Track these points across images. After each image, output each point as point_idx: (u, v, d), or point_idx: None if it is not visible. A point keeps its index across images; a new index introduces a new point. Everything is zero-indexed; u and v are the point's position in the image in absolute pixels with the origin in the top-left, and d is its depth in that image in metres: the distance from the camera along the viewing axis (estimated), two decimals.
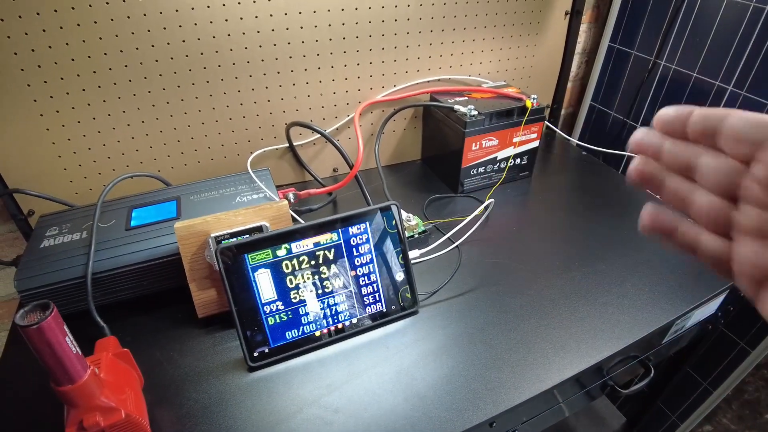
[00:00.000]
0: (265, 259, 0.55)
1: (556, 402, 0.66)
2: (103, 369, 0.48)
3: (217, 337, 0.62)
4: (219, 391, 0.55)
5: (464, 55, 0.95)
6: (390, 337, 0.62)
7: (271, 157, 0.89)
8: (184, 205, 0.70)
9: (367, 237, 0.60)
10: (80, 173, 0.78)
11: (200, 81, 0.77)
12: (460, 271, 0.71)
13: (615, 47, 1.07)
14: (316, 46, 0.81)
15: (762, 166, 0.22)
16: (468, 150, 0.84)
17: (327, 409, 0.53)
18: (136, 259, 0.63)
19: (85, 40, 0.68)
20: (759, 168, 0.22)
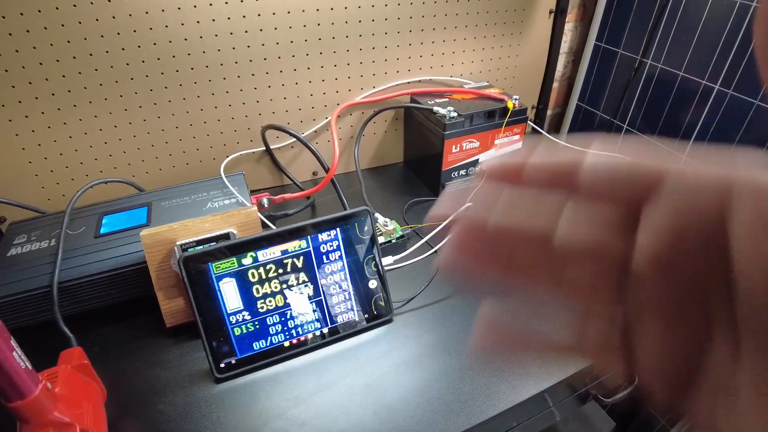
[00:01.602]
0: (230, 267, 0.54)
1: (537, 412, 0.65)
2: (60, 383, 0.47)
3: (186, 347, 0.60)
4: (185, 403, 0.54)
5: (446, 56, 0.93)
6: (362, 347, 0.60)
7: (248, 161, 0.88)
8: (154, 212, 0.68)
9: (337, 244, 0.58)
10: (52, 179, 0.77)
11: (173, 84, 0.76)
12: (437, 278, 0.69)
13: (601, 46, 1.05)
14: (292, 48, 0.80)
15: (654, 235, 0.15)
16: (448, 152, 0.83)
17: (293, 422, 0.51)
18: (104, 267, 0.61)
19: (52, 43, 0.67)
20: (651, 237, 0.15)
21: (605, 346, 0.17)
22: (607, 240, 0.16)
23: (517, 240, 0.18)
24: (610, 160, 0.16)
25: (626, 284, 0.16)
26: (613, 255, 0.16)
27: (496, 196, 0.18)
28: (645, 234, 0.15)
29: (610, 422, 1.19)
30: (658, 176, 0.15)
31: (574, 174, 0.16)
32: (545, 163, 0.17)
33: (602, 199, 0.16)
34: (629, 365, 0.17)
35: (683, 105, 0.91)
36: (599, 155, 0.16)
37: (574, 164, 0.16)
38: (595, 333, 0.18)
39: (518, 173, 0.18)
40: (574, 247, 0.16)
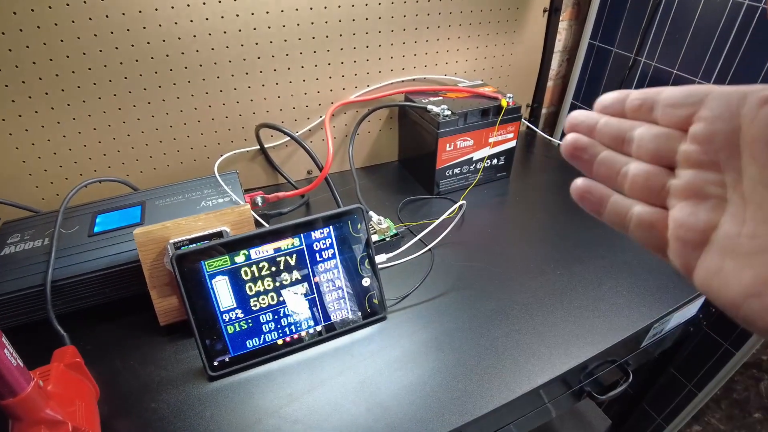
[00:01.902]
0: (222, 265, 0.54)
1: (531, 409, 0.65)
2: (52, 381, 0.47)
3: (179, 345, 0.60)
4: (178, 401, 0.54)
5: (440, 54, 0.93)
6: (356, 344, 0.60)
7: (242, 160, 0.88)
8: (148, 211, 0.68)
9: (331, 242, 0.59)
10: (46, 178, 0.77)
11: (167, 83, 0.76)
12: (431, 275, 0.70)
13: (595, 45, 1.06)
14: (285, 46, 0.80)
15: (701, 122, 0.22)
16: (442, 151, 0.83)
17: (286, 419, 0.51)
18: (98, 266, 0.61)
19: (45, 42, 0.67)
20: (698, 126, 0.22)
21: (645, 223, 0.25)
22: (663, 145, 0.24)
23: (609, 140, 0.27)
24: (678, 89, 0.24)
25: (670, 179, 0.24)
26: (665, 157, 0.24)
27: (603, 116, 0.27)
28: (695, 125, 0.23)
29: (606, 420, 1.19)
30: (703, 96, 0.22)
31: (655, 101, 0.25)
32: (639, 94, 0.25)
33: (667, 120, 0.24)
34: (663, 236, 0.24)
35: None
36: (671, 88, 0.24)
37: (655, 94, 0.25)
38: (642, 213, 0.25)
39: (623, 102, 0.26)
40: (643, 148, 0.25)
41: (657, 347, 0.80)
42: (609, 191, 0.27)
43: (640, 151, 0.25)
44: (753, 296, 0.19)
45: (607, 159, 0.26)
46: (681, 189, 0.23)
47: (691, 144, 0.23)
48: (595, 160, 0.27)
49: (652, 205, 0.25)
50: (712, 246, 0.22)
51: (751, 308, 0.19)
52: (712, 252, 0.22)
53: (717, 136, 0.22)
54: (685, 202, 0.23)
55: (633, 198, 0.26)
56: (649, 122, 0.25)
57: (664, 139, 0.24)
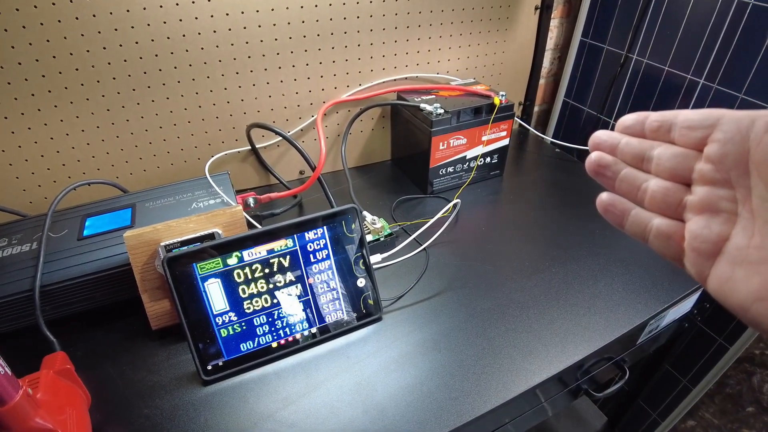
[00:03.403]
0: (215, 268, 0.53)
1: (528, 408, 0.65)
2: (42, 388, 0.46)
3: (172, 349, 0.59)
4: (172, 407, 0.53)
5: (431, 52, 0.93)
6: (351, 346, 0.60)
7: (234, 161, 0.87)
8: (138, 213, 0.67)
9: (324, 242, 0.58)
10: (34, 181, 0.75)
11: (156, 84, 0.75)
12: (426, 275, 0.69)
13: (587, 42, 1.06)
14: (276, 45, 0.79)
15: (714, 144, 0.24)
16: (436, 149, 0.82)
17: (282, 423, 0.51)
18: (88, 270, 0.60)
19: (31, 43, 0.65)
20: (711, 147, 0.25)
21: (663, 234, 0.27)
22: (680, 164, 0.26)
23: (630, 158, 0.29)
24: (694, 113, 0.26)
25: (686, 195, 0.26)
26: (682, 175, 0.26)
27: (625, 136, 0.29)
28: (709, 146, 0.25)
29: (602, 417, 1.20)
30: (717, 119, 0.25)
31: (673, 123, 0.27)
32: (658, 117, 0.28)
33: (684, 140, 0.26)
34: (680, 247, 0.26)
35: (669, 99, 0.91)
36: (687, 111, 0.26)
37: (673, 117, 0.27)
38: (661, 225, 0.27)
39: (642, 124, 0.29)
40: (661, 166, 0.27)
41: (652, 344, 0.80)
42: (630, 205, 0.29)
43: (659, 169, 0.27)
44: (760, 300, 0.22)
45: (629, 176, 0.29)
46: (696, 204, 0.25)
47: (706, 163, 0.25)
48: (618, 177, 0.29)
49: (669, 218, 0.27)
50: (724, 256, 0.24)
51: (759, 311, 0.22)
52: (724, 261, 0.24)
53: (728, 157, 0.24)
54: (699, 216, 0.25)
55: (652, 211, 0.28)
56: (667, 142, 0.27)
57: (681, 159, 0.26)
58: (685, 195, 0.26)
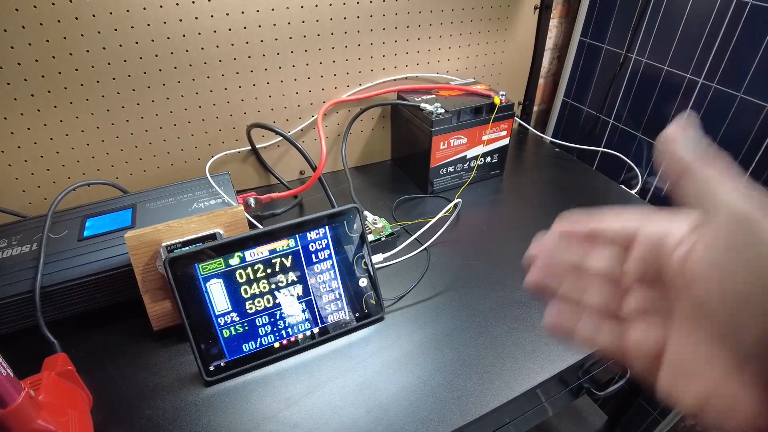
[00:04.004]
0: (217, 268, 0.53)
1: (529, 408, 0.65)
2: (43, 390, 0.46)
3: (173, 350, 0.59)
4: (174, 408, 0.53)
5: (431, 52, 0.93)
6: (353, 346, 0.60)
7: (234, 161, 0.86)
8: (139, 214, 0.67)
9: (326, 242, 0.58)
10: (33, 182, 0.75)
11: (156, 84, 0.75)
12: (428, 274, 0.69)
13: (586, 42, 1.06)
14: (276, 45, 0.79)
15: (632, 261, 0.24)
16: (436, 149, 0.82)
17: (285, 424, 0.51)
18: (88, 270, 0.60)
19: (31, 43, 0.65)
20: (630, 264, 0.25)
21: (612, 344, 0.26)
22: (614, 271, 0.26)
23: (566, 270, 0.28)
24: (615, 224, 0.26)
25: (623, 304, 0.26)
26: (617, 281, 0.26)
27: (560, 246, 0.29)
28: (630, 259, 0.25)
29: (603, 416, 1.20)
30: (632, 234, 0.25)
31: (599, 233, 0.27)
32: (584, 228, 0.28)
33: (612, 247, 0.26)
34: (624, 356, 0.26)
35: (668, 99, 0.92)
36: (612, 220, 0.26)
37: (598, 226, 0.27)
38: (607, 338, 0.26)
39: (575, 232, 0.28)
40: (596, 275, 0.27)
41: None
42: (575, 321, 0.28)
43: (594, 277, 0.27)
44: (705, 406, 0.21)
45: (568, 290, 0.28)
46: (633, 312, 0.25)
47: (631, 279, 0.25)
48: (558, 293, 0.29)
49: (615, 327, 0.26)
50: (665, 364, 0.23)
51: (705, 416, 0.22)
52: (666, 369, 0.23)
53: (647, 275, 0.24)
54: (638, 325, 0.25)
55: (597, 322, 0.27)
56: (600, 248, 0.27)
57: (615, 267, 0.26)
58: (622, 304, 0.26)
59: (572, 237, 0.28)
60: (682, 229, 0.23)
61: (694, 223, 0.22)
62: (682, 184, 0.23)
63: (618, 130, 1.03)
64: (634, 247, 0.24)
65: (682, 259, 0.22)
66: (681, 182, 0.23)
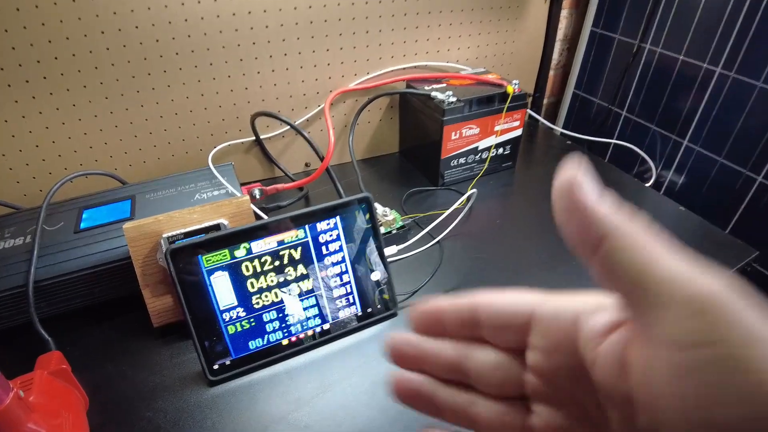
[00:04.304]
0: (222, 260, 0.50)
1: None
2: (35, 390, 0.42)
3: (175, 347, 0.56)
4: (176, 409, 0.50)
5: (441, 41, 0.90)
6: (366, 342, 0.56)
7: (237, 152, 0.83)
8: (138, 205, 0.64)
9: (337, 233, 0.55)
10: (28, 173, 0.72)
11: (157, 70, 0.72)
12: (441, 268, 0.66)
13: (597, 32, 1.03)
14: (282, 31, 0.76)
15: (536, 354, 0.18)
16: (447, 139, 0.79)
17: (295, 426, 0.47)
18: (85, 264, 0.57)
19: (25, 26, 0.62)
20: (533, 356, 0.18)
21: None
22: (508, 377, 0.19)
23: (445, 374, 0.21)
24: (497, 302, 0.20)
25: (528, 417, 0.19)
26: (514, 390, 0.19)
27: None
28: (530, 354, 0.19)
29: None
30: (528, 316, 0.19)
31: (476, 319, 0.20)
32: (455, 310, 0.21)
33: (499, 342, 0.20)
34: None
35: (683, 90, 0.89)
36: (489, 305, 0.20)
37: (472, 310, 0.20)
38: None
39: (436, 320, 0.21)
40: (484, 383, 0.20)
41: None
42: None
43: (483, 384, 0.20)
44: None
45: (449, 402, 0.21)
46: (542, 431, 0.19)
47: (535, 377, 0.19)
48: (437, 403, 0.22)
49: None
50: None
51: None
52: None
53: (560, 372, 0.18)
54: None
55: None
56: (482, 341, 0.20)
57: (506, 369, 0.20)
58: (526, 417, 0.19)
59: (442, 325, 0.21)
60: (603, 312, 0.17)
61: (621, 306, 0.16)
62: (600, 257, 0.16)
63: (631, 122, 1.00)
64: (533, 330, 0.18)
65: (614, 362, 0.16)
66: (596, 254, 0.16)
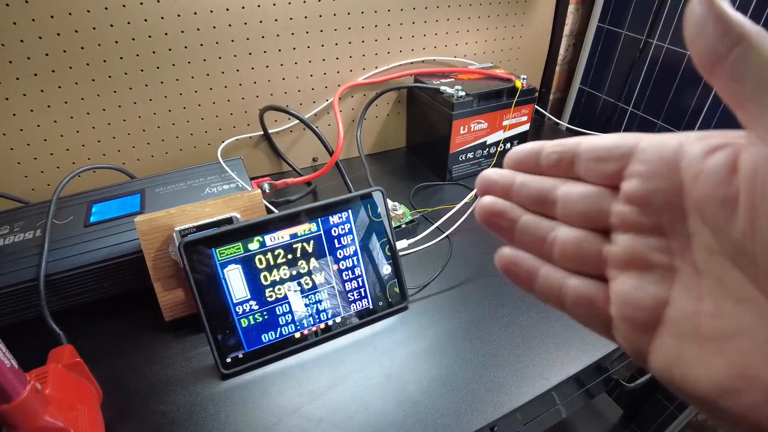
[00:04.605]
0: (235, 253, 0.50)
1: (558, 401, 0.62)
2: (50, 383, 0.42)
3: (187, 341, 0.56)
4: (189, 403, 0.49)
5: (449, 35, 0.90)
6: (378, 336, 0.56)
7: (245, 147, 0.83)
8: (148, 199, 0.64)
9: (350, 227, 0.55)
10: (36, 167, 0.71)
11: (165, 64, 0.71)
12: (451, 262, 0.66)
13: (604, 28, 1.03)
14: (291, 25, 0.75)
15: (634, 180, 0.19)
16: (456, 134, 0.79)
17: (309, 419, 0.47)
18: (96, 257, 0.57)
19: (35, 19, 0.62)
20: (630, 183, 0.19)
21: (584, 299, 0.20)
22: (593, 206, 0.20)
23: (530, 202, 0.23)
24: (601, 139, 0.20)
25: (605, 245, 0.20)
26: (596, 219, 0.20)
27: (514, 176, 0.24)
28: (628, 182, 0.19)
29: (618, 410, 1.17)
30: (632, 147, 0.19)
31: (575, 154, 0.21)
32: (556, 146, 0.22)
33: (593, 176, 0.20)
34: (601, 317, 0.20)
35: (691, 85, 0.88)
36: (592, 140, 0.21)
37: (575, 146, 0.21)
38: (578, 288, 0.21)
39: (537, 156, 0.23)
40: (569, 210, 0.21)
41: None
42: (538, 262, 0.22)
43: (567, 213, 0.21)
44: (729, 393, 0.15)
45: (530, 225, 0.22)
46: (620, 258, 0.19)
47: (626, 204, 0.19)
48: (516, 227, 0.23)
49: (589, 277, 0.21)
50: (667, 327, 0.18)
51: (729, 407, 0.15)
52: (668, 334, 0.17)
53: (655, 196, 0.18)
54: (627, 274, 0.19)
55: (565, 269, 0.21)
56: (573, 179, 0.21)
57: (594, 199, 0.20)
58: (603, 245, 0.20)
59: (537, 163, 0.23)
60: (708, 139, 0.17)
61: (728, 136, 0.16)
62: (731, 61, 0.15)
63: (637, 117, 1.00)
64: (634, 160, 0.19)
65: (722, 167, 0.16)
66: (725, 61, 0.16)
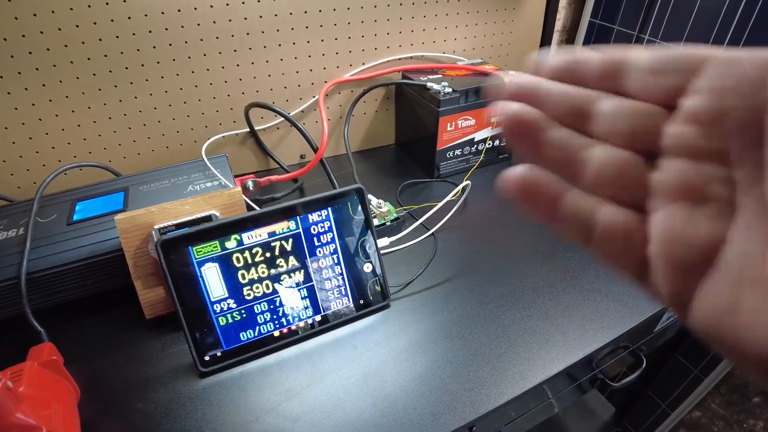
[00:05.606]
0: (212, 252, 0.49)
1: (543, 400, 0.62)
2: (24, 381, 0.42)
3: (167, 339, 0.56)
4: (167, 400, 0.50)
5: (437, 31, 0.89)
6: (358, 334, 0.56)
7: (231, 144, 0.83)
8: (132, 196, 0.64)
9: (329, 225, 0.54)
10: (21, 165, 0.71)
11: (150, 62, 0.71)
12: (435, 260, 0.66)
13: (596, 23, 1.02)
14: (276, 21, 0.75)
15: (701, 96, 0.16)
16: (443, 131, 0.79)
17: (286, 417, 0.47)
18: (78, 255, 0.57)
19: (17, 17, 0.62)
20: (696, 100, 0.16)
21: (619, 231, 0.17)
22: (642, 125, 0.17)
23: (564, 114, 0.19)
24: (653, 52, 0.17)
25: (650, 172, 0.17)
26: (644, 140, 0.17)
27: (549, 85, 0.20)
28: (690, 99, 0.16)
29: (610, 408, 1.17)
30: (700, 61, 0.16)
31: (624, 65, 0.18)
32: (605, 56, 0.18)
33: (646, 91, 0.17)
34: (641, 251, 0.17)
35: None
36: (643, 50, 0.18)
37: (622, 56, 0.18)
38: (612, 218, 0.18)
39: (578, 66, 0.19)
40: (613, 127, 0.18)
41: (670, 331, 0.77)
42: (563, 185, 0.19)
43: (609, 130, 0.18)
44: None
45: (563, 139, 0.19)
46: (670, 186, 0.16)
47: (686, 125, 0.16)
48: (545, 141, 0.19)
49: (625, 207, 0.18)
50: (720, 270, 0.15)
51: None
52: (721, 280, 0.15)
53: (728, 116, 0.15)
54: (675, 206, 0.16)
55: (598, 195, 0.18)
56: (617, 93, 0.18)
57: (644, 117, 0.17)
58: (648, 172, 0.17)
59: (578, 74, 0.19)
60: None
61: None
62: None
63: None
64: (702, 75, 0.16)
65: None
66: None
